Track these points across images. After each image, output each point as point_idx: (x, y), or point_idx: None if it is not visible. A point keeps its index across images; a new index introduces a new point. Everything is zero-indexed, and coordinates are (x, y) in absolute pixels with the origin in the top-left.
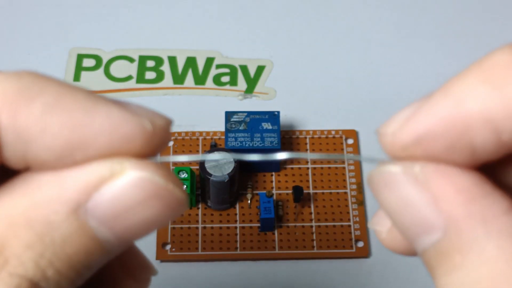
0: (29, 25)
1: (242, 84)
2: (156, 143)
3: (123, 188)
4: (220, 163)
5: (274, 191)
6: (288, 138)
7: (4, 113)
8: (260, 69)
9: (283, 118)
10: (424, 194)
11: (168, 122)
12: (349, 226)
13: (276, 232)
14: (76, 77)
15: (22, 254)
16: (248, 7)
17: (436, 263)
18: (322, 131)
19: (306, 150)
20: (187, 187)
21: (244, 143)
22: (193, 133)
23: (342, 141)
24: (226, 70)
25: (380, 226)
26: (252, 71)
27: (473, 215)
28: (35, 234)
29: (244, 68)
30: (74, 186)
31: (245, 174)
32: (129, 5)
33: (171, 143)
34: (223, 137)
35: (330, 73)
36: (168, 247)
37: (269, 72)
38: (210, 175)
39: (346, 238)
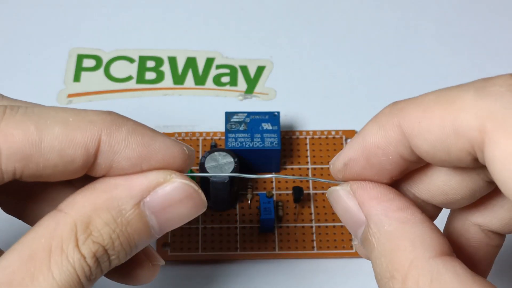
0: (29, 25)
1: (242, 84)
2: (188, 162)
3: (171, 190)
4: (220, 164)
5: (274, 192)
6: (288, 139)
7: (104, 133)
8: (260, 70)
9: (283, 118)
10: (354, 201)
11: (193, 150)
12: None
13: (276, 232)
14: (76, 77)
15: (101, 228)
16: (248, 7)
17: (365, 246)
18: (322, 131)
19: (306, 150)
20: None
21: (244, 143)
22: (193, 133)
23: (342, 141)
24: (226, 71)
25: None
26: (252, 72)
27: (379, 211)
28: (111, 216)
29: (244, 69)
30: (139, 186)
31: (245, 173)
32: (129, 6)
33: None
34: (223, 137)
35: (330, 73)
36: (168, 248)
37: (269, 72)
38: (210, 176)
39: (346, 238)
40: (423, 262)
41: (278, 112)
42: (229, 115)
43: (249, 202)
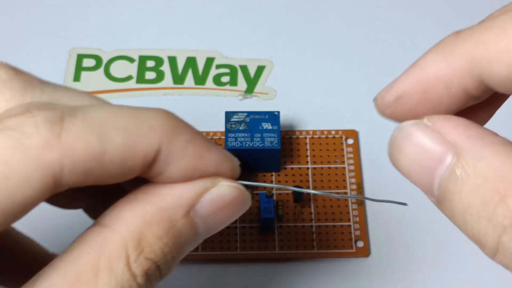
0: (29, 25)
1: (242, 84)
2: (236, 174)
3: (219, 194)
4: None
5: (274, 191)
6: (288, 138)
7: (164, 142)
8: (260, 69)
9: (283, 118)
10: (434, 134)
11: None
12: (349, 226)
13: (276, 232)
14: (76, 77)
15: (154, 244)
16: (248, 7)
17: (451, 183)
18: (322, 131)
19: (306, 150)
20: None
21: (244, 143)
22: None
23: (342, 141)
24: (226, 70)
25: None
26: (252, 71)
27: (472, 136)
28: (163, 229)
29: (244, 68)
30: (187, 195)
31: (245, 174)
32: (129, 5)
33: None
34: (223, 137)
35: (330, 73)
36: None
37: (269, 72)
38: None
39: (346, 238)
40: None
41: (278, 112)
42: (229, 115)
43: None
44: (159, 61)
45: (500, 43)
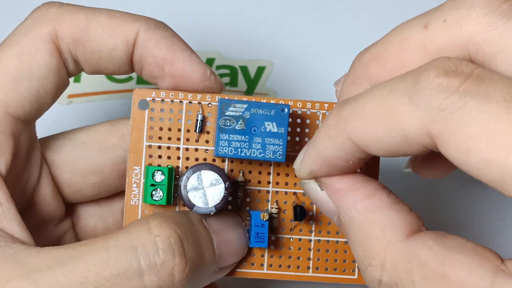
0: None
1: (242, 85)
2: (208, 85)
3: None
4: (204, 191)
5: (269, 208)
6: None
7: (142, 30)
8: (260, 70)
9: None
10: (323, 193)
11: (222, 83)
12: None
13: (266, 250)
14: (77, 78)
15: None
16: (248, 8)
17: (342, 231)
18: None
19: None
20: (163, 193)
21: (239, 150)
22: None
23: None
24: (227, 71)
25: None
26: (252, 72)
27: (347, 202)
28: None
29: (244, 69)
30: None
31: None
32: (129, 6)
33: None
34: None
35: (330, 74)
36: None
37: (269, 73)
38: (193, 206)
39: (349, 259)
40: (398, 246)
41: (288, 107)
42: (223, 105)
43: (238, 202)
44: None
45: (372, 135)
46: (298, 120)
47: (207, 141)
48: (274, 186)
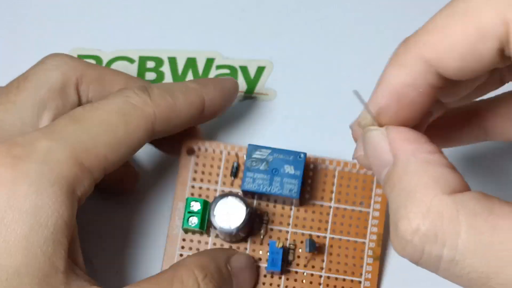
0: (29, 25)
1: (242, 85)
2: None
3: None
4: (229, 214)
5: (290, 229)
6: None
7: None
8: (260, 70)
9: (284, 119)
10: (385, 142)
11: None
12: (359, 282)
13: (283, 277)
14: None
15: (213, 274)
16: (248, 8)
17: (386, 186)
18: (354, 165)
19: (333, 184)
20: (198, 220)
21: (261, 186)
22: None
23: (373, 180)
24: (226, 71)
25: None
26: (252, 72)
27: (408, 151)
28: (213, 269)
29: (244, 69)
30: (224, 251)
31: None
32: (129, 6)
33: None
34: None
35: (331, 74)
36: None
37: (269, 73)
38: (218, 227)
39: None
40: (446, 197)
41: (304, 154)
42: (252, 149)
43: (261, 237)
44: (159, 61)
45: (445, 40)
46: (311, 166)
47: (239, 185)
48: (293, 227)
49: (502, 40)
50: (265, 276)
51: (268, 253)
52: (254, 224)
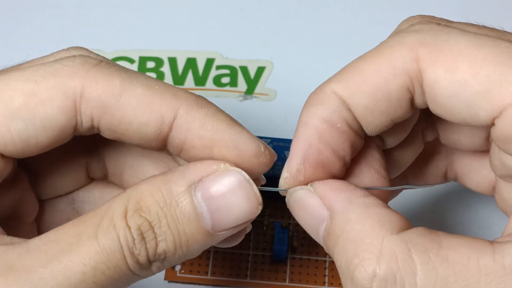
0: (29, 25)
1: (242, 85)
2: (263, 162)
3: (222, 176)
4: None
5: (291, 221)
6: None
7: (183, 109)
8: (260, 70)
9: (284, 120)
10: (315, 198)
11: (274, 154)
12: None
13: (288, 263)
14: None
15: (150, 205)
16: (248, 8)
17: (328, 242)
18: None
19: None
20: None
21: None
22: None
23: None
24: (226, 71)
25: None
26: (252, 72)
27: (343, 200)
28: (162, 195)
29: (244, 69)
30: (193, 171)
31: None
32: (129, 6)
33: None
34: None
35: (330, 74)
36: (178, 268)
37: (269, 73)
38: None
39: None
40: (394, 237)
41: None
42: None
43: (264, 228)
44: (159, 62)
45: (355, 78)
46: None
47: None
48: None
49: (412, 77)
50: (270, 264)
51: (272, 240)
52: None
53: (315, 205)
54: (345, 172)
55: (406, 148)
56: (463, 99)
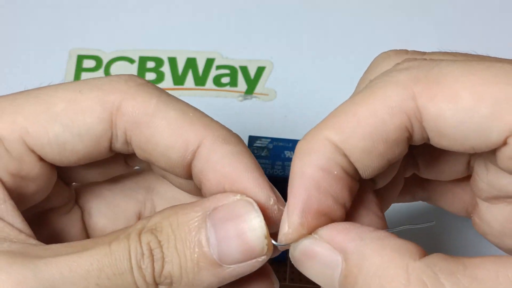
0: (29, 25)
1: (242, 85)
2: (269, 208)
3: (232, 203)
4: None
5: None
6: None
7: (208, 140)
8: (260, 70)
9: (284, 120)
10: (323, 244)
11: (281, 212)
12: None
13: (288, 263)
14: (77, 78)
15: (164, 227)
16: (248, 8)
17: (347, 285)
18: None
19: None
20: None
21: (264, 170)
22: None
23: None
24: (226, 71)
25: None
26: (252, 72)
27: (354, 239)
28: (177, 221)
29: (244, 69)
30: (212, 200)
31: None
32: (129, 6)
33: None
34: None
35: (330, 73)
36: None
37: (269, 73)
38: None
39: None
40: (418, 264)
41: None
42: (252, 139)
43: None
44: (159, 62)
45: (349, 122)
46: None
47: None
48: None
49: (410, 115)
50: (271, 264)
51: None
52: None
53: (325, 251)
54: (345, 217)
55: (391, 186)
56: (471, 125)
